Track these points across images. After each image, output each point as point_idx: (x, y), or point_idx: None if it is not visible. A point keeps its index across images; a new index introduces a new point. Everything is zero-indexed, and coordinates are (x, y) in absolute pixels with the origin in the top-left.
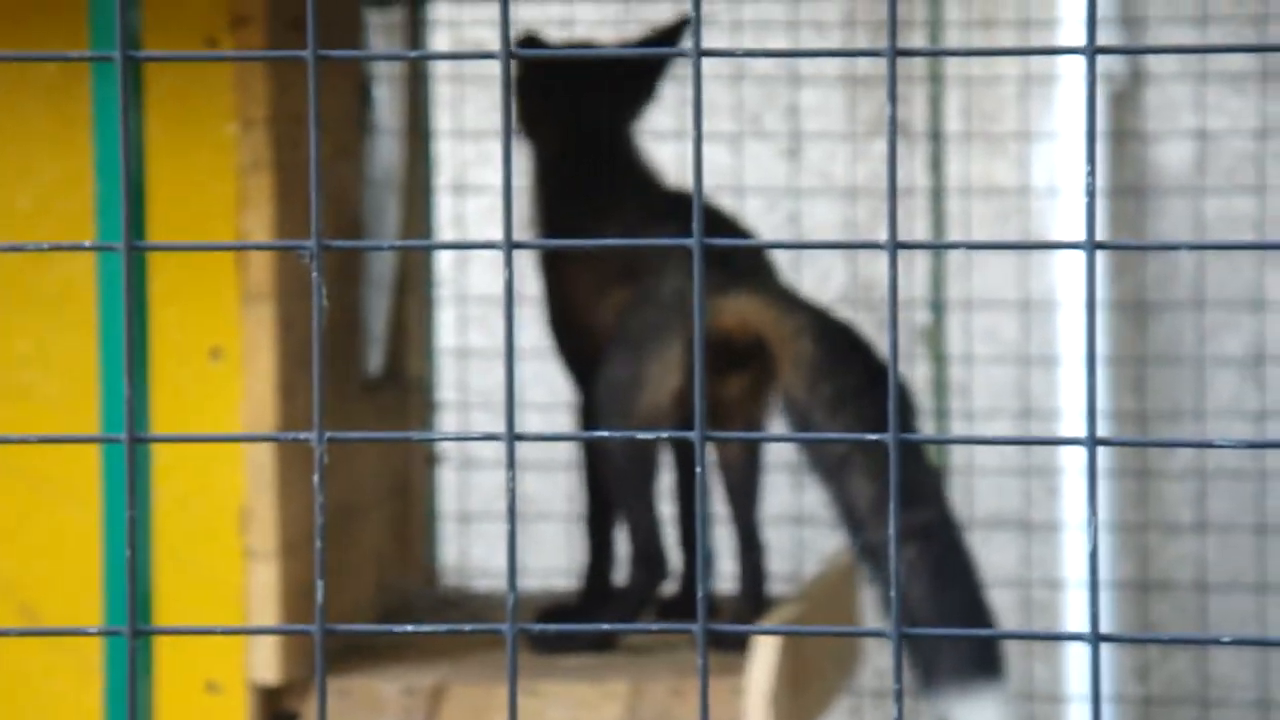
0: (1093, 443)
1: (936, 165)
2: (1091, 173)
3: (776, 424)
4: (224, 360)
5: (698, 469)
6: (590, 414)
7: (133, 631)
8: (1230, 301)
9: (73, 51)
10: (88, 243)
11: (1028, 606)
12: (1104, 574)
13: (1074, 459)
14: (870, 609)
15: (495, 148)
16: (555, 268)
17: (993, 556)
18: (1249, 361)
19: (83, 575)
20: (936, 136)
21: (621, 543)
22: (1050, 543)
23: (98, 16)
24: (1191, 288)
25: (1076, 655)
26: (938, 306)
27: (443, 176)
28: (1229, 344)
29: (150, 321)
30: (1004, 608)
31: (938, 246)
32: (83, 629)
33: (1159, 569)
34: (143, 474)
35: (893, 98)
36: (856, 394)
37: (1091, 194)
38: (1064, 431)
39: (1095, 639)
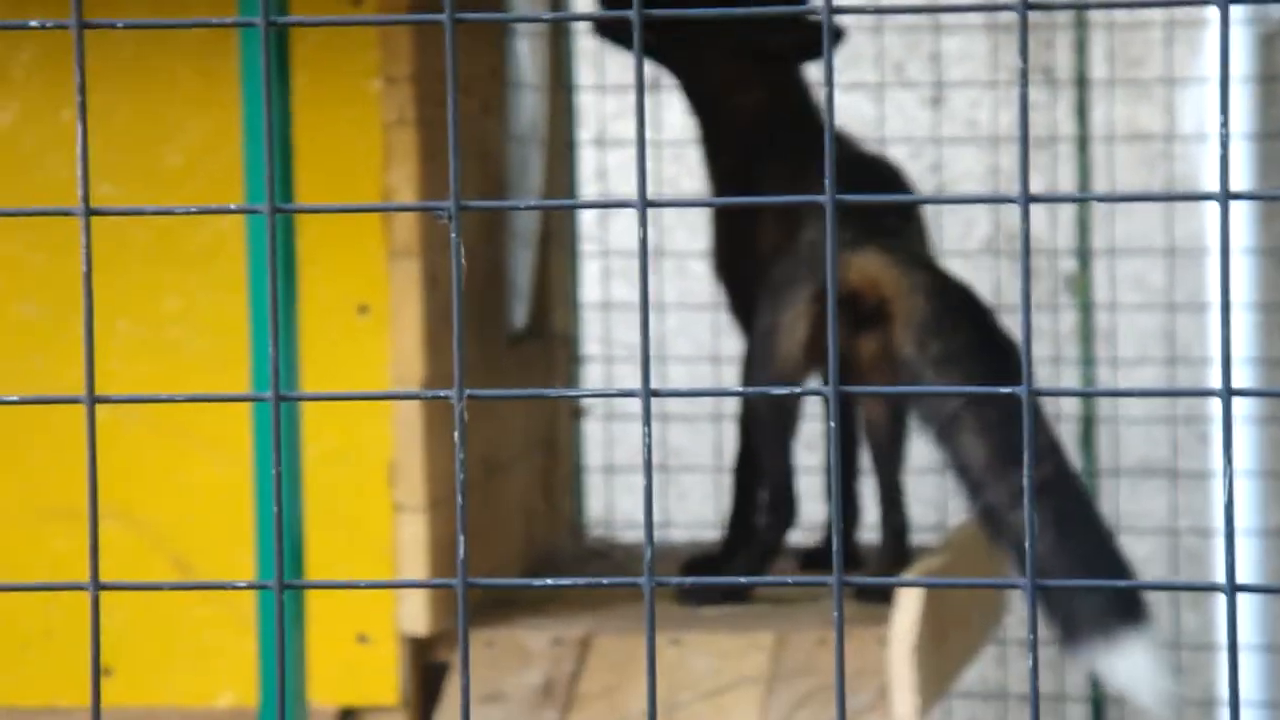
0: (1228, 393)
1: (1081, 111)
2: (1225, 123)
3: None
4: (371, 316)
5: (831, 424)
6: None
7: (280, 586)
8: None
9: (217, 18)
10: (232, 206)
11: (1176, 555)
12: (1253, 522)
13: (1216, 409)
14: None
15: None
16: (729, 217)
17: (1142, 505)
18: None
19: (235, 529)
20: (1081, 82)
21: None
22: (1200, 490)
23: None
24: None
25: (1224, 604)
26: (1083, 254)
27: (585, 130)
28: None
29: (298, 278)
30: (1153, 556)
31: (1068, 199)
32: (231, 583)
33: None
34: (292, 429)
35: (1024, 53)
36: (965, 353)
37: (1225, 144)
38: (1212, 378)
39: (1232, 589)
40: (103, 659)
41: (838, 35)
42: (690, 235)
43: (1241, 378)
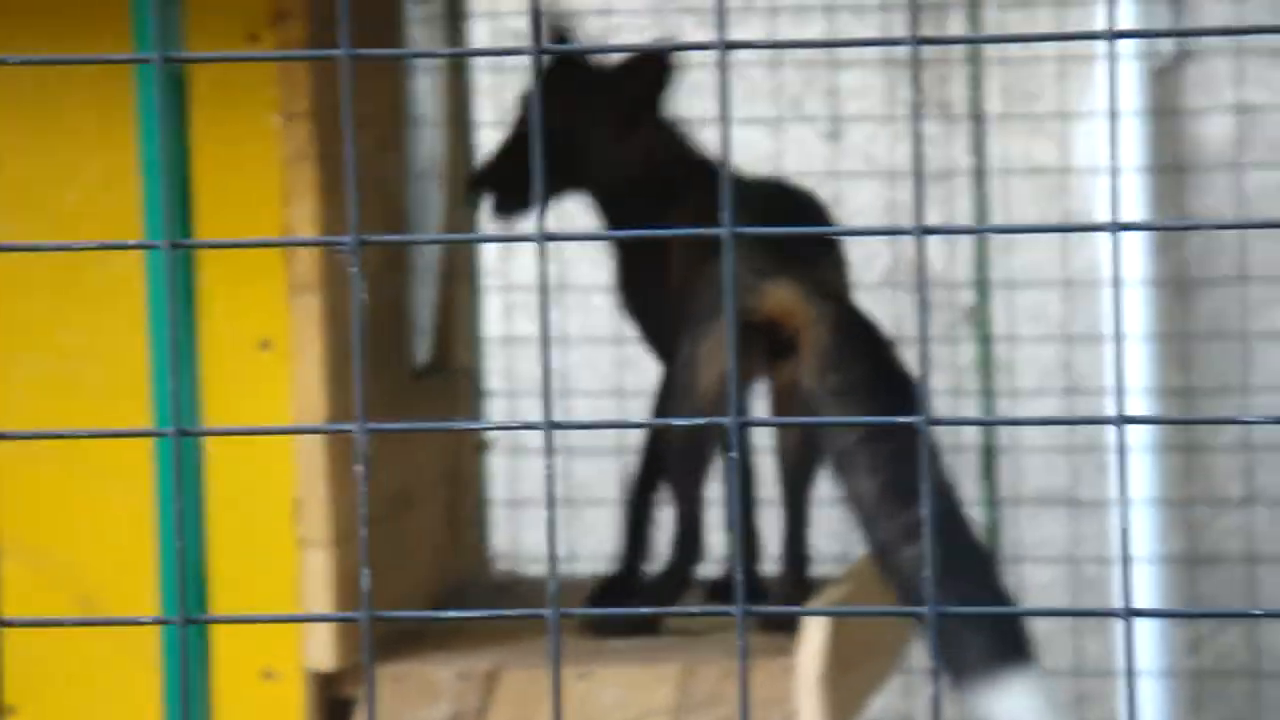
0: (1122, 421)
1: (977, 146)
2: (1116, 156)
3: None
4: (273, 351)
5: (731, 454)
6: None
7: (184, 620)
8: (1274, 277)
9: (113, 54)
10: (131, 241)
11: (1077, 583)
12: (1152, 548)
13: (1113, 438)
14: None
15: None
16: (632, 249)
17: (1041, 533)
18: None
19: (139, 566)
20: (977, 117)
21: (660, 525)
22: (1099, 518)
23: (139, 14)
24: (1235, 263)
25: (1120, 632)
26: (982, 286)
27: None
28: (1274, 318)
29: (199, 313)
30: (1054, 584)
31: (964, 231)
32: (136, 618)
33: (1208, 543)
34: (194, 465)
35: (916, 87)
36: (862, 386)
37: (1116, 177)
38: (1109, 408)
39: (1128, 614)
40: (6, 697)
41: (668, 70)
42: (593, 269)
43: (1140, 407)
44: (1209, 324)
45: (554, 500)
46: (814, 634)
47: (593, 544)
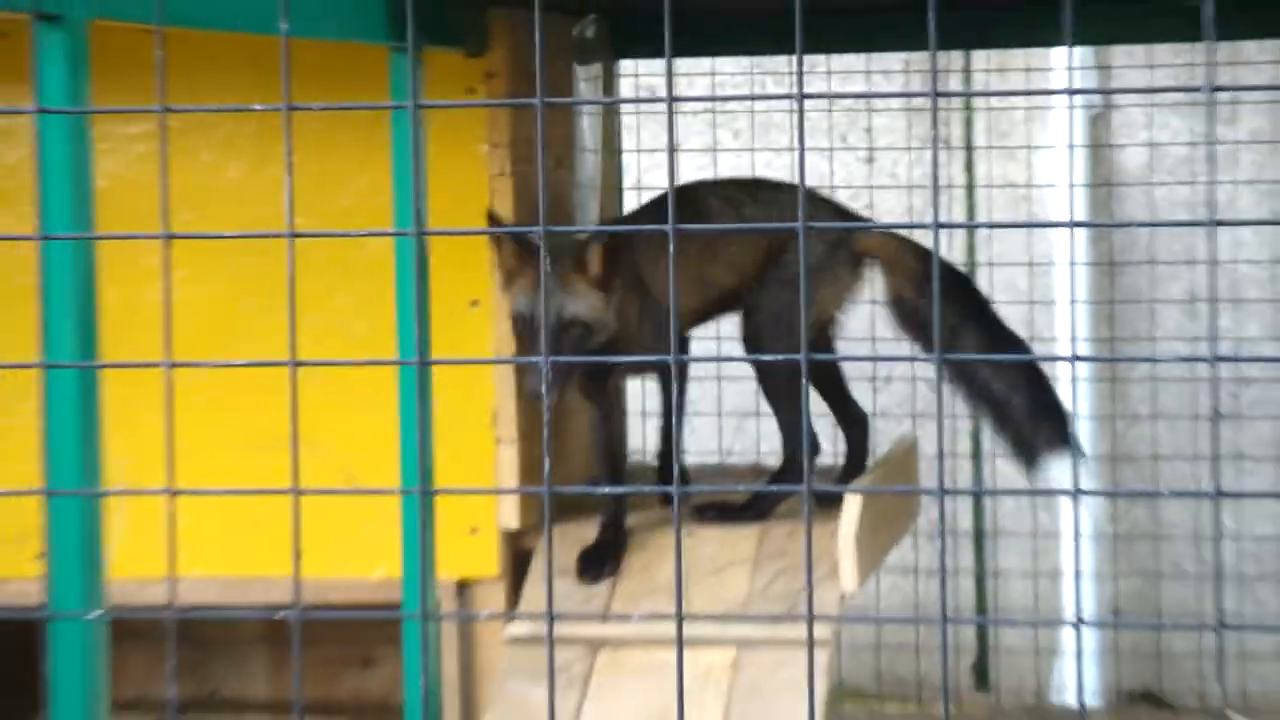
0: (1074, 359)
1: (969, 168)
2: (1072, 172)
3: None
4: (480, 308)
5: (803, 379)
6: (760, 332)
7: (423, 491)
8: (1173, 262)
9: (381, 102)
10: (392, 230)
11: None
12: (1086, 449)
13: (1064, 370)
14: (927, 473)
15: (664, 158)
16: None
17: None
18: (1186, 301)
19: (386, 459)
20: (969, 147)
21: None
22: None
23: (396, 75)
24: (1146, 251)
25: (1066, 508)
26: (971, 266)
27: (628, 180)
28: (1172, 289)
29: (430, 282)
30: (1015, 475)
31: (966, 226)
32: (390, 489)
33: (1124, 446)
34: (426, 388)
35: (935, 124)
36: (954, 286)
37: (1072, 187)
38: (1059, 352)
39: (1076, 493)
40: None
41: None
42: None
43: (1079, 351)
44: (1127, 293)
45: (681, 410)
46: (851, 507)
47: (697, 443)
